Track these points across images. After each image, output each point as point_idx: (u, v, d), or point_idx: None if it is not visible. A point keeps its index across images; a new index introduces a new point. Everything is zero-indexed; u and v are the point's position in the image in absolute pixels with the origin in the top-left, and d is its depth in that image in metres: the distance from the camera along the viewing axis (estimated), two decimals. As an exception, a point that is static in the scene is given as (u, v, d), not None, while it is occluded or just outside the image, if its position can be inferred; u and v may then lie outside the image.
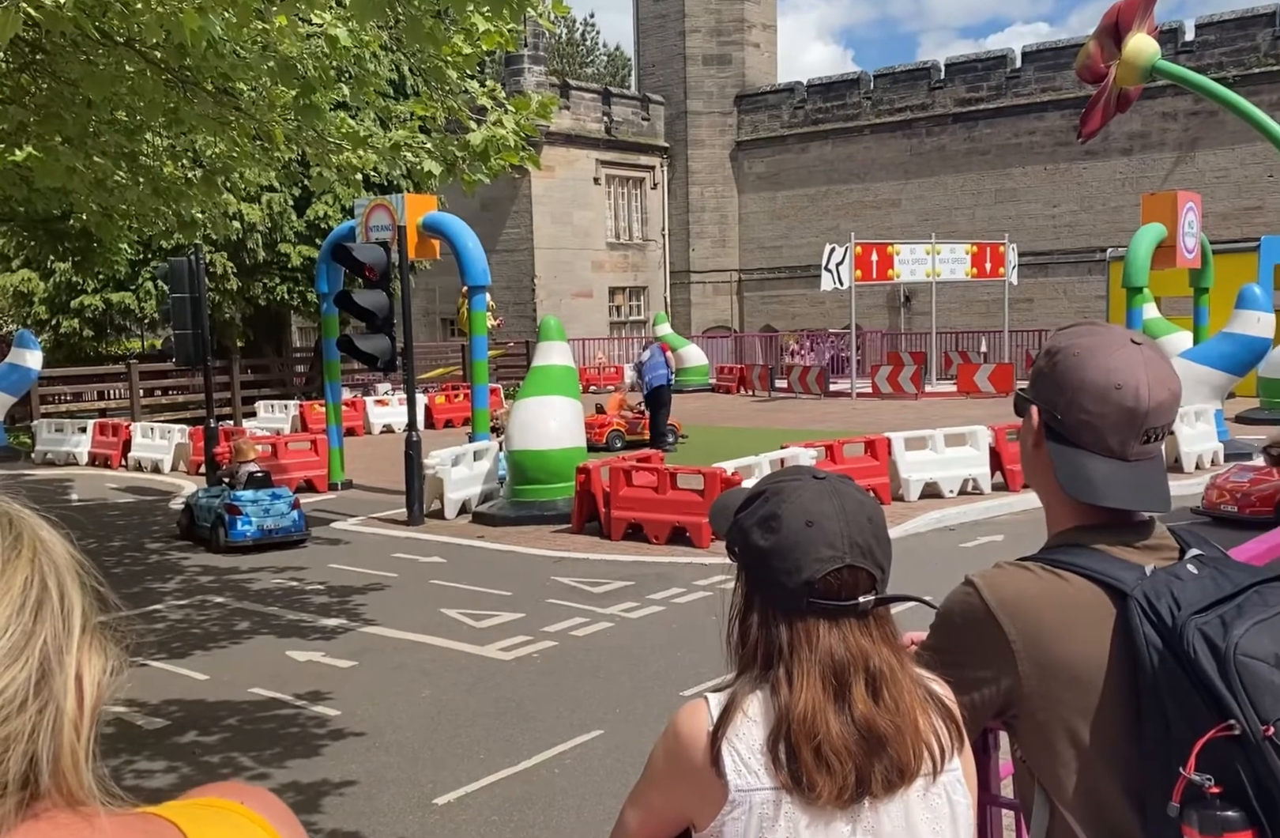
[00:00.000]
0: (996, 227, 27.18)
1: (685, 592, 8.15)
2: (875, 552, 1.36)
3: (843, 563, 1.33)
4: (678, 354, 26.40)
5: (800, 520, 1.35)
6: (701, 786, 1.34)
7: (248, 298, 20.22)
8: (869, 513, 1.38)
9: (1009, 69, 28.40)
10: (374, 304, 10.52)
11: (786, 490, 1.39)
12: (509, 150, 6.11)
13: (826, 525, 1.34)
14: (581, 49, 49.64)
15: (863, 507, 1.38)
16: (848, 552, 1.33)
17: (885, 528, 1.40)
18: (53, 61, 6.15)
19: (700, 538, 9.46)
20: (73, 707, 0.69)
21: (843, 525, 1.34)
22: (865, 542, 1.35)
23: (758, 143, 32.39)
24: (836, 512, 1.35)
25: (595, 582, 8.53)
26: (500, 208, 29.92)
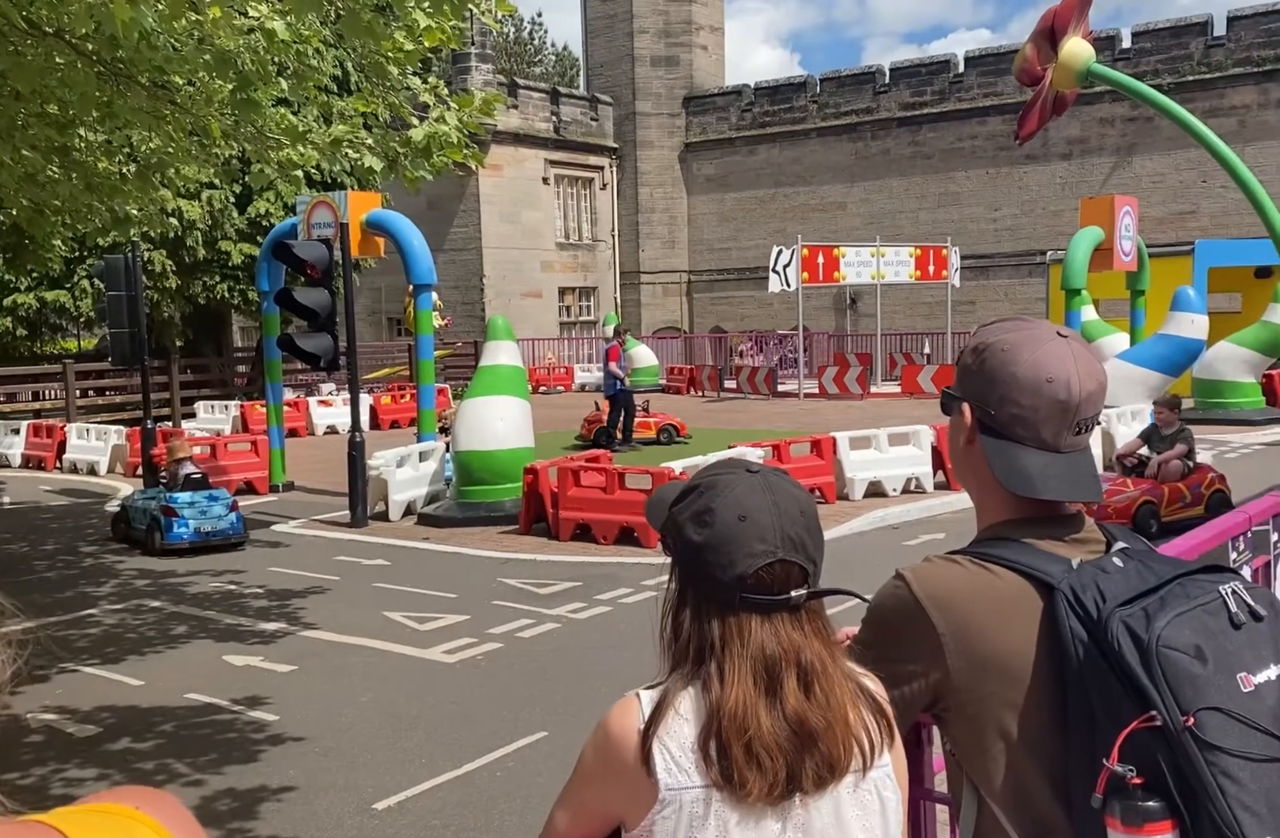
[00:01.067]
0: (940, 230, 27.57)
1: (633, 592, 8.13)
2: (807, 545, 1.35)
3: (775, 557, 1.32)
4: (628, 355, 26.43)
5: (733, 514, 1.34)
6: (632, 785, 1.32)
7: (187, 296, 19.84)
8: (801, 506, 1.37)
9: (952, 74, 28.82)
10: (316, 302, 10.36)
11: (720, 484, 1.38)
12: (452, 147, 6.05)
13: (759, 519, 1.33)
14: (529, 48, 49.46)
15: (796, 500, 1.37)
16: (780, 546, 1.32)
17: (818, 521, 1.39)
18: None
19: (648, 538, 9.45)
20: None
21: (775, 519, 1.33)
22: (798, 535, 1.34)
23: (706, 145, 32.52)
24: (769, 506, 1.34)
25: (542, 583, 8.49)
26: (447, 206, 29.69)
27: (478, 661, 6.62)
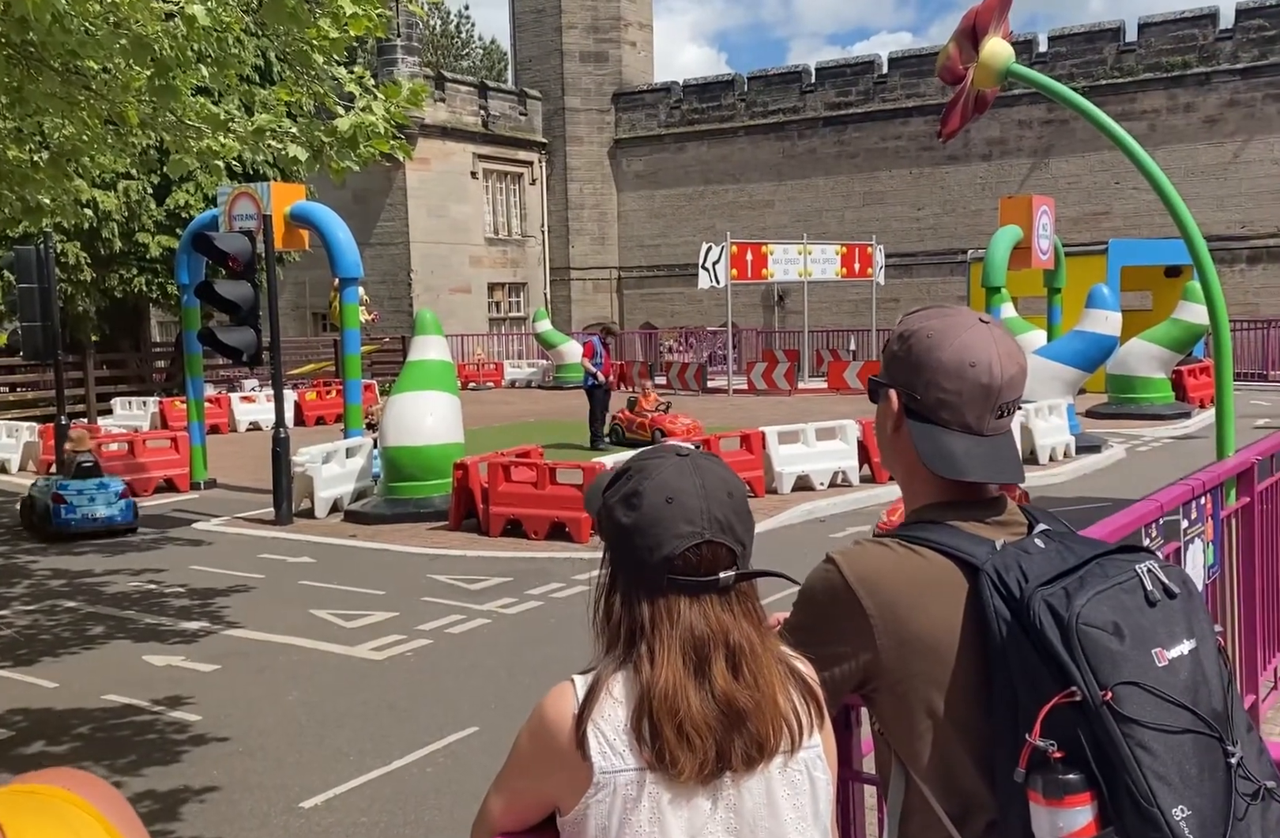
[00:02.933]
0: (865, 228, 28.00)
1: (564, 586, 8.13)
2: (735, 527, 1.37)
3: (702, 539, 1.33)
4: (556, 351, 26.37)
5: (660, 497, 1.35)
6: (567, 769, 1.33)
7: (103, 290, 19.23)
8: (730, 488, 1.39)
9: (876, 75, 29.27)
10: (238, 296, 10.15)
11: (649, 468, 1.39)
12: (379, 137, 5.96)
13: (686, 502, 1.34)
14: (457, 42, 48.95)
15: (724, 483, 1.39)
16: (707, 527, 1.34)
17: (746, 505, 1.41)
18: None
19: (580, 533, 9.46)
20: None
21: (702, 502, 1.35)
22: (725, 517, 1.36)
23: (635, 141, 32.55)
24: (696, 488, 1.36)
25: (472, 579, 8.44)
26: (374, 200, 29.28)
27: (407, 657, 6.56)
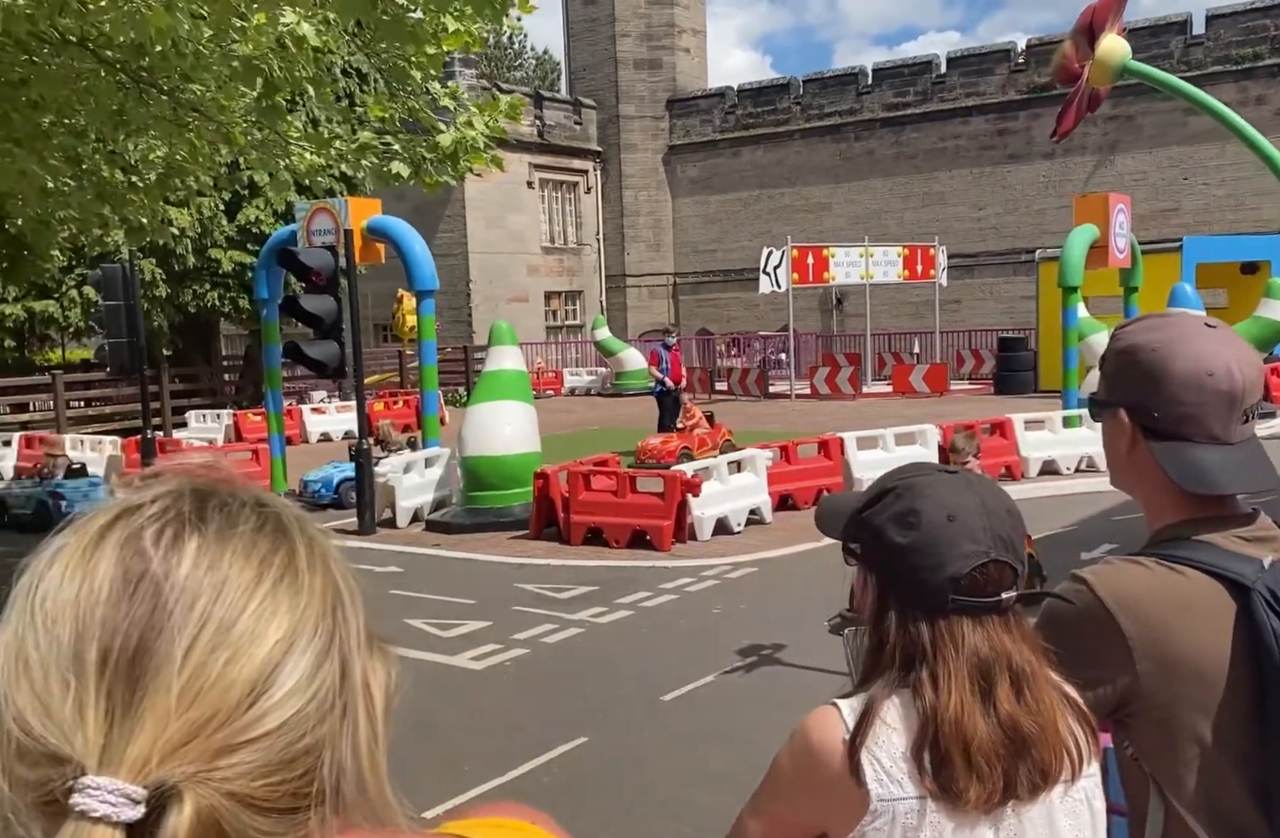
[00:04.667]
0: (925, 229, 27.73)
1: (652, 595, 8.13)
2: (1016, 546, 1.34)
3: (987, 558, 1.30)
4: (615, 358, 26.44)
5: (941, 515, 1.32)
6: (839, 795, 1.30)
7: (177, 305, 19.67)
8: (1007, 505, 1.36)
9: (934, 75, 29.02)
10: (322, 310, 10.31)
11: (920, 485, 1.36)
12: (477, 152, 6.04)
13: (968, 519, 1.31)
14: (510, 53, 49.42)
15: (1002, 500, 1.36)
16: (992, 546, 1.31)
17: (1023, 522, 1.39)
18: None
19: (661, 541, 9.46)
20: (365, 714, 0.66)
21: (984, 519, 1.32)
22: (1007, 535, 1.33)
23: (690, 147, 32.58)
24: (977, 505, 1.33)
25: (559, 588, 8.47)
26: (433, 212, 29.60)
27: (506, 667, 6.60)
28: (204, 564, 0.62)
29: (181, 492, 0.66)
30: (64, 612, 0.60)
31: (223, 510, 0.65)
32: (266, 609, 0.62)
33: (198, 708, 0.58)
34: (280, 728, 0.60)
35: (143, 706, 0.58)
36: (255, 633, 0.61)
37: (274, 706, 0.60)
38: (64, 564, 0.62)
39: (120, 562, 0.61)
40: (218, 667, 0.59)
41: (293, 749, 0.60)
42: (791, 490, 10.46)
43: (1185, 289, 13.67)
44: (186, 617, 0.60)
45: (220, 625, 0.60)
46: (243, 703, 0.59)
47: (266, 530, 0.65)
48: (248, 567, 0.63)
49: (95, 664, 0.58)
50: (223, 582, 0.62)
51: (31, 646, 0.60)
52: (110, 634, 0.59)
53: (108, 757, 0.57)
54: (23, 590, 0.62)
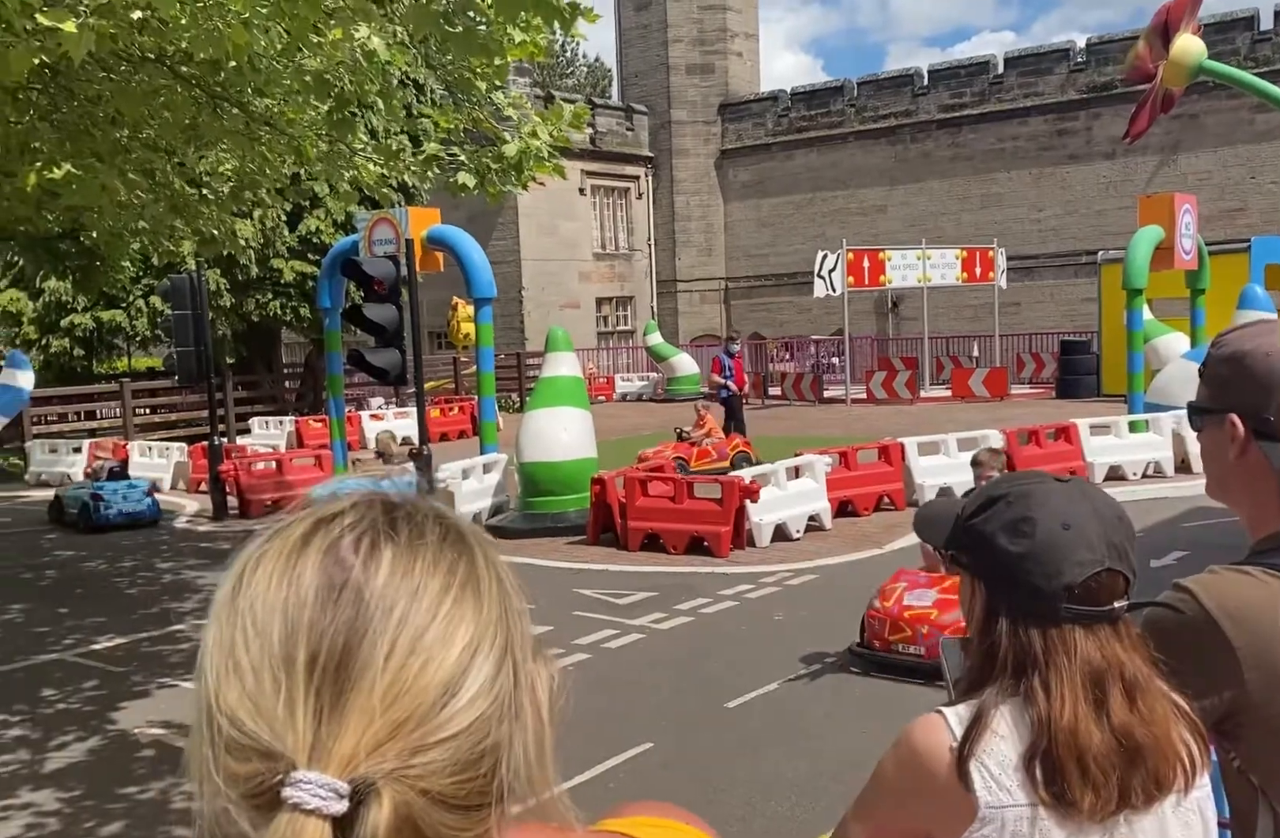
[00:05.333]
0: (982, 232, 27.38)
1: (711, 602, 8.11)
2: (1129, 555, 1.33)
3: (1103, 566, 1.30)
4: (667, 363, 26.45)
5: (1056, 522, 1.32)
6: (946, 802, 1.30)
7: (240, 314, 20.07)
8: (1119, 513, 1.36)
9: (991, 75, 28.67)
10: (384, 318, 10.43)
11: (1035, 493, 1.36)
12: (541, 161, 6.09)
13: (1084, 527, 1.31)
14: (561, 61, 49.75)
15: (1113, 508, 1.36)
16: (1106, 554, 1.30)
17: (1134, 530, 1.38)
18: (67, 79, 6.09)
19: (719, 547, 9.44)
20: (534, 716, 0.68)
21: (1099, 527, 1.32)
22: (1121, 544, 1.33)
23: (742, 151, 32.52)
24: (1091, 513, 1.33)
25: (618, 593, 8.49)
26: (487, 220, 29.87)
27: (569, 671, 6.57)
28: (399, 572, 0.65)
29: (372, 502, 0.69)
30: (273, 616, 0.63)
31: (410, 521, 0.68)
32: (455, 616, 0.65)
33: (397, 709, 0.61)
34: (468, 729, 0.62)
35: (348, 706, 0.60)
36: (446, 639, 0.64)
37: (463, 707, 0.62)
38: (269, 570, 0.65)
39: (323, 569, 0.64)
40: (414, 670, 0.62)
41: (478, 749, 0.63)
42: (851, 496, 10.38)
43: (1255, 291, 13.33)
44: (385, 622, 0.63)
45: (416, 632, 0.63)
46: (436, 705, 0.62)
47: (450, 541, 0.68)
48: (436, 575, 0.66)
49: (304, 666, 0.61)
50: (416, 590, 0.64)
51: (242, 647, 0.63)
52: (318, 638, 0.62)
53: (317, 753, 0.60)
54: (229, 593, 0.66)
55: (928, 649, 5.91)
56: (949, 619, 5.89)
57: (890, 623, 6.13)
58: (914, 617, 6.08)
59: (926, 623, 6.03)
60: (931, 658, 5.81)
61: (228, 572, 0.67)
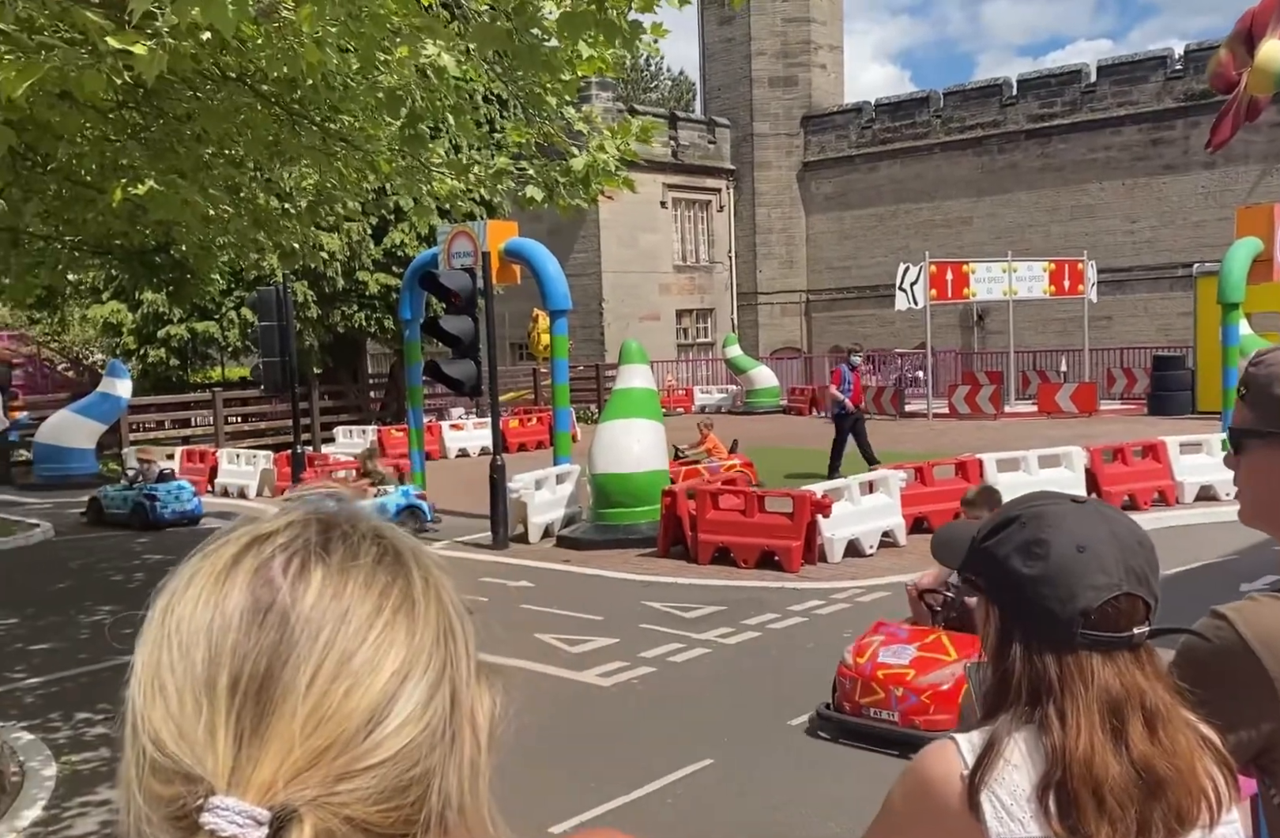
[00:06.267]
0: (1072, 244, 26.69)
1: (780, 617, 8.02)
2: (1150, 579, 1.28)
3: (1120, 591, 1.24)
4: (746, 376, 26.33)
5: (1071, 545, 1.27)
6: (954, 832, 1.26)
7: (327, 325, 20.60)
8: (1139, 537, 1.30)
9: (1083, 84, 28.00)
10: (461, 330, 10.62)
11: (1049, 514, 1.31)
12: (609, 174, 6.13)
13: (1100, 550, 1.26)
14: (645, 74, 50.13)
15: (1132, 531, 1.31)
16: (1124, 578, 1.25)
17: (1156, 554, 1.32)
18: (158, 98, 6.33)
19: (790, 562, 9.33)
20: (471, 744, 0.66)
21: (1116, 550, 1.26)
22: (1140, 568, 1.27)
23: (825, 163, 32.31)
24: (1108, 536, 1.27)
25: (686, 606, 8.44)
26: (568, 233, 30.18)
27: (633, 684, 6.60)
28: (328, 595, 0.63)
29: (308, 522, 0.68)
30: (198, 637, 0.62)
31: (345, 541, 0.67)
32: (384, 640, 0.63)
33: (319, 736, 0.60)
34: (395, 756, 0.61)
35: (269, 731, 0.59)
36: (374, 664, 0.62)
37: (390, 735, 0.61)
38: (198, 590, 0.64)
39: (250, 590, 0.63)
40: (338, 696, 0.61)
41: (405, 777, 0.61)
42: (927, 513, 10.17)
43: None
44: (310, 647, 0.61)
45: (342, 656, 0.62)
46: (361, 732, 0.60)
47: (386, 562, 0.67)
48: (368, 598, 0.64)
49: (226, 689, 0.60)
50: (344, 613, 0.63)
51: (167, 668, 0.62)
52: (240, 661, 0.61)
53: (236, 778, 0.59)
54: (159, 613, 0.65)
55: (902, 715, 5.29)
56: (926, 682, 5.28)
57: (862, 684, 5.43)
58: (888, 677, 5.37)
59: (901, 685, 5.32)
60: (907, 725, 5.25)
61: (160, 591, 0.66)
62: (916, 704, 5.28)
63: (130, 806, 0.63)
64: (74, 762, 5.46)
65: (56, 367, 26.54)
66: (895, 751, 5.08)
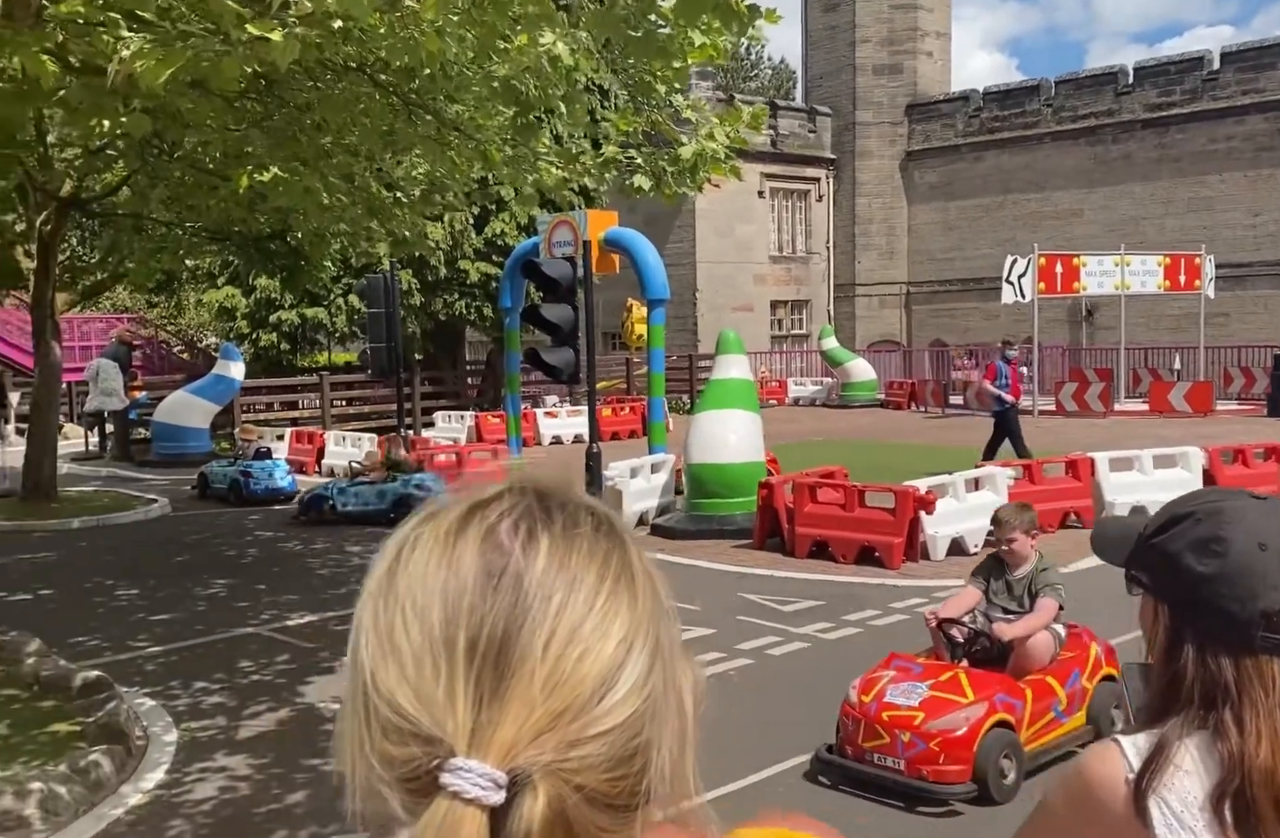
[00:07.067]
0: (1189, 237, 25.63)
1: (881, 614, 7.90)
2: None
3: None
4: (843, 368, 25.97)
5: (1251, 542, 1.21)
6: (1118, 836, 1.22)
7: (429, 313, 20.99)
8: None
9: (1205, 71, 26.81)
10: (561, 318, 10.69)
11: (1227, 510, 1.25)
12: (717, 162, 6.09)
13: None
14: (745, 63, 49.72)
15: None
16: None
17: None
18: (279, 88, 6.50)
19: (891, 558, 9.18)
20: (679, 717, 0.67)
21: None
22: None
23: (929, 153, 31.62)
24: None
25: (783, 600, 8.38)
26: (663, 223, 30.14)
27: (730, 676, 6.58)
28: (555, 561, 0.64)
29: (525, 490, 0.68)
30: (433, 599, 0.63)
31: (564, 510, 0.67)
32: (610, 609, 0.63)
33: (556, 699, 0.60)
34: (622, 724, 0.61)
35: (509, 693, 0.60)
36: (603, 631, 0.63)
37: (618, 702, 0.61)
38: (427, 554, 0.65)
39: (482, 554, 0.64)
40: (572, 661, 0.61)
41: (630, 746, 0.61)
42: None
43: None
44: (544, 611, 0.62)
45: (573, 622, 0.62)
46: (594, 697, 0.61)
47: (603, 532, 0.67)
48: (592, 566, 0.65)
49: (465, 651, 0.61)
50: (573, 580, 0.63)
51: (400, 630, 0.63)
52: (478, 623, 0.61)
53: (477, 741, 0.59)
54: (384, 576, 0.66)
55: (908, 763, 4.66)
56: (936, 728, 4.64)
57: (865, 725, 4.82)
58: (894, 720, 4.74)
59: (909, 730, 4.69)
60: (914, 776, 4.68)
61: (382, 553, 0.67)
62: (924, 752, 4.63)
63: (357, 767, 0.63)
64: (193, 729, 5.68)
65: (172, 349, 27.64)
66: (900, 803, 4.63)
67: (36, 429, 12.89)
